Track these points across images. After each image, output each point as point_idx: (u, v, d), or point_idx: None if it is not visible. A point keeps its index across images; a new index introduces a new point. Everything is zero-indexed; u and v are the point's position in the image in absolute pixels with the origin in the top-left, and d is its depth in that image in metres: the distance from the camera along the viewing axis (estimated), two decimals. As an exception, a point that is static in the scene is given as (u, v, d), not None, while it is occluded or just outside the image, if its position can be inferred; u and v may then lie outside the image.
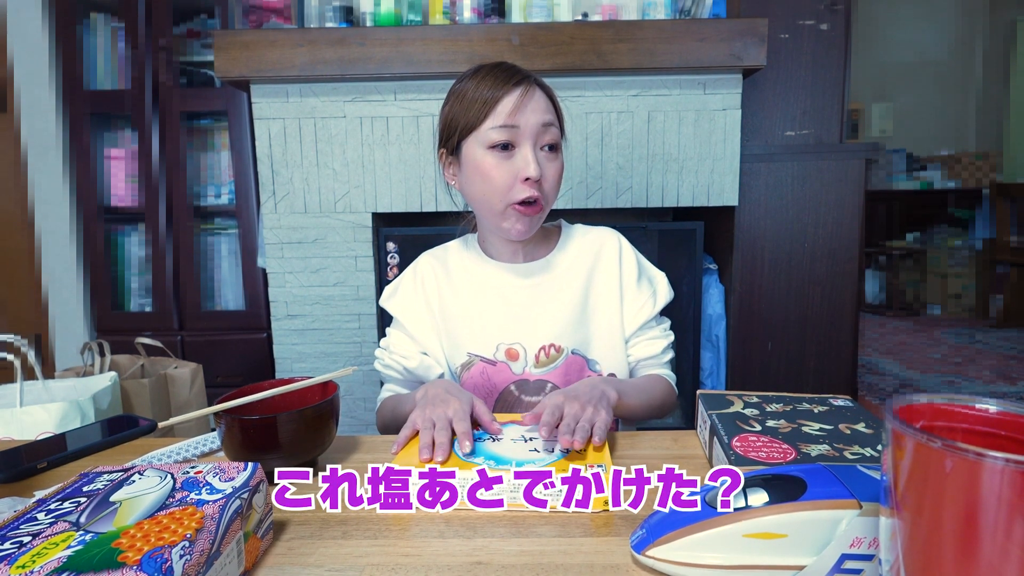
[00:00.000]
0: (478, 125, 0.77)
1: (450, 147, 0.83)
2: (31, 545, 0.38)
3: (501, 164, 0.77)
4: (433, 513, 0.52)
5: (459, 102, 0.80)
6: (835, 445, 0.56)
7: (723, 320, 1.91)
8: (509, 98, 0.76)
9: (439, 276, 0.89)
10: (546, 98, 0.80)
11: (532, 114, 0.77)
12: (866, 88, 4.49)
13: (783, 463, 0.52)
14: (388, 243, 1.75)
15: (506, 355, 0.84)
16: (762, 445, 0.56)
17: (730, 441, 0.56)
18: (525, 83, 0.78)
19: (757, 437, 0.57)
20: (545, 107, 0.79)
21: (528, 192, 0.77)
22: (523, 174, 0.76)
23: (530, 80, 0.79)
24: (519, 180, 0.77)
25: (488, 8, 1.70)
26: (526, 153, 0.76)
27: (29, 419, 0.99)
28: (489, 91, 0.77)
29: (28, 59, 1.99)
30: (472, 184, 0.81)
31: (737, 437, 0.57)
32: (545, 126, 0.78)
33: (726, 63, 1.59)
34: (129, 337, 1.55)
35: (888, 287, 4.31)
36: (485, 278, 0.87)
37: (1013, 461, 0.27)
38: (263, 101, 1.67)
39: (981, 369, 2.90)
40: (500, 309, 0.86)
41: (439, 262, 0.91)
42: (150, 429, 0.70)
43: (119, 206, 2.05)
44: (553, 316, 0.85)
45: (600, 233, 0.91)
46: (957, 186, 4.27)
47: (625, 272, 0.88)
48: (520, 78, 0.78)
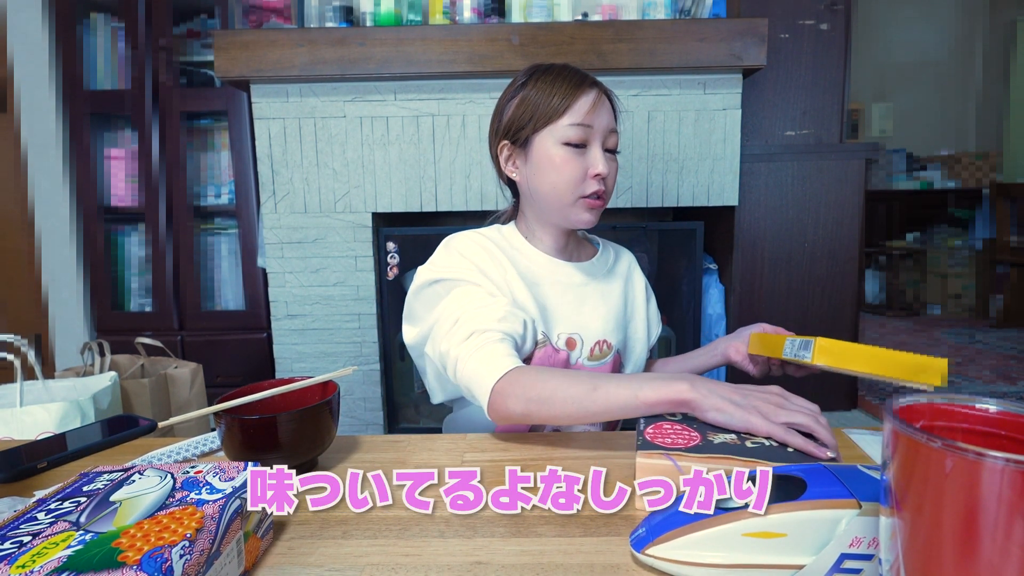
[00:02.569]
0: (555, 120, 0.81)
1: (519, 139, 0.84)
2: (31, 545, 0.38)
3: (573, 159, 0.81)
4: (435, 513, 0.52)
5: (534, 97, 0.82)
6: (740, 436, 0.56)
7: (723, 320, 1.91)
8: (587, 98, 0.81)
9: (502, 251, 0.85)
10: (610, 106, 0.85)
11: (604, 117, 0.82)
12: (866, 88, 4.49)
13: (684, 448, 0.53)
14: (388, 243, 1.75)
15: (566, 344, 0.85)
16: (673, 431, 0.56)
17: (644, 428, 0.58)
18: (598, 87, 0.83)
19: (671, 425, 0.58)
20: (611, 114, 0.85)
21: (597, 186, 0.82)
22: (593, 170, 0.81)
23: (600, 85, 0.84)
24: (589, 175, 0.82)
25: (488, 8, 1.70)
26: (596, 151, 0.82)
27: (29, 419, 0.99)
28: (568, 89, 0.81)
29: (28, 59, 1.99)
30: (543, 175, 0.83)
31: (653, 425, 0.58)
32: (612, 131, 0.84)
33: (726, 63, 1.59)
34: (129, 337, 1.55)
35: (888, 287, 4.31)
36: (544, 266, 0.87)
37: (1013, 461, 0.27)
38: (263, 101, 1.67)
39: (981, 369, 2.90)
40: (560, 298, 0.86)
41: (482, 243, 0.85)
42: (150, 429, 0.70)
43: (119, 206, 2.05)
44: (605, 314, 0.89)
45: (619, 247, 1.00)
46: (957, 186, 4.27)
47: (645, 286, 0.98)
48: (593, 81, 0.83)
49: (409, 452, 0.67)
